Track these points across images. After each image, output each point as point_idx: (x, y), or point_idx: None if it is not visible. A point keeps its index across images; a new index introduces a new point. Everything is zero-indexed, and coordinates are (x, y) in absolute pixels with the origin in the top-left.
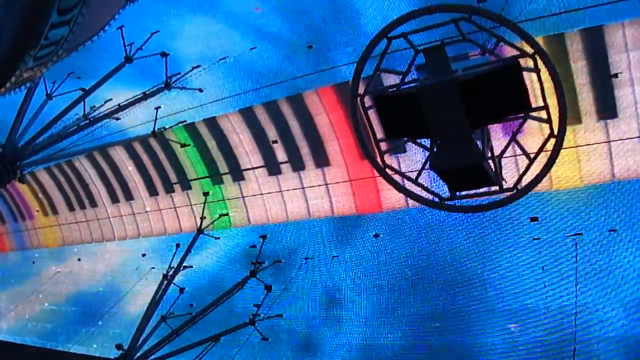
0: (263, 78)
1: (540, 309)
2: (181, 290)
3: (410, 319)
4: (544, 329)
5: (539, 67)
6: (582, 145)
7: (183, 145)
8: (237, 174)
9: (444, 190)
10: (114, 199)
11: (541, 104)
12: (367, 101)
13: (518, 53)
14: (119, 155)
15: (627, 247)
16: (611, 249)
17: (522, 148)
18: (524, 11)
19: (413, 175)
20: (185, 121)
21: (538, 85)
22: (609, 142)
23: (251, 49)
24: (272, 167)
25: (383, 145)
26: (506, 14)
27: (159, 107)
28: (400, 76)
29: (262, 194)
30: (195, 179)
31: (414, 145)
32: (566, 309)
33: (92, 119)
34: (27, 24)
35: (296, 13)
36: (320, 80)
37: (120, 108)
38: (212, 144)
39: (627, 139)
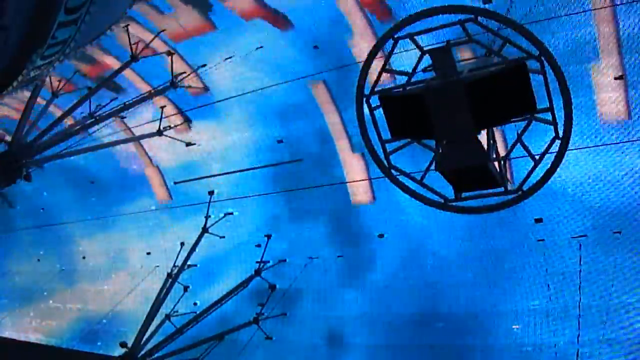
0: (269, 77)
1: (543, 310)
2: (185, 288)
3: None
4: (547, 330)
5: (545, 68)
6: (589, 147)
7: (189, 144)
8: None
9: (448, 190)
10: None
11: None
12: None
13: (524, 55)
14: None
15: (631, 249)
16: (615, 250)
17: (527, 149)
18: (530, 13)
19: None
20: (190, 120)
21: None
22: (614, 144)
23: (257, 48)
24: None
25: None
26: (512, 15)
27: (164, 105)
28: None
29: (266, 194)
30: (201, 178)
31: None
32: (569, 311)
33: (97, 118)
34: (36, 23)
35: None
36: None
37: (126, 107)
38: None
39: (632, 140)
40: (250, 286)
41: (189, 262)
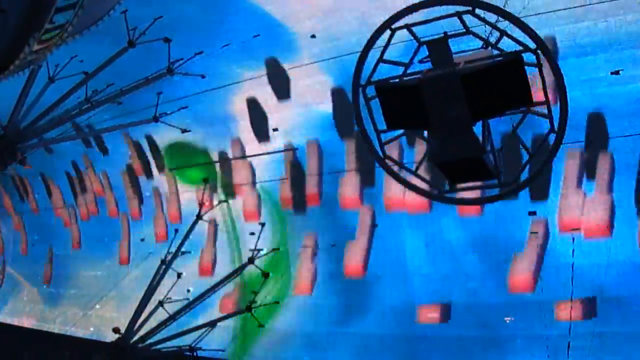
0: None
1: (536, 302)
2: (179, 275)
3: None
4: (539, 322)
5: (541, 62)
6: (582, 141)
7: (184, 131)
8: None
9: (443, 182)
10: None
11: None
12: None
13: (521, 47)
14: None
15: (623, 244)
16: (607, 245)
17: (522, 143)
18: (527, 6)
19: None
20: (186, 107)
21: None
22: (611, 138)
23: (254, 36)
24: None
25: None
26: (509, 7)
27: (160, 92)
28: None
29: (261, 182)
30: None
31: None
32: (562, 303)
33: (93, 103)
34: (33, 7)
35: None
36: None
37: (122, 92)
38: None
39: (627, 135)
40: None
41: (182, 249)
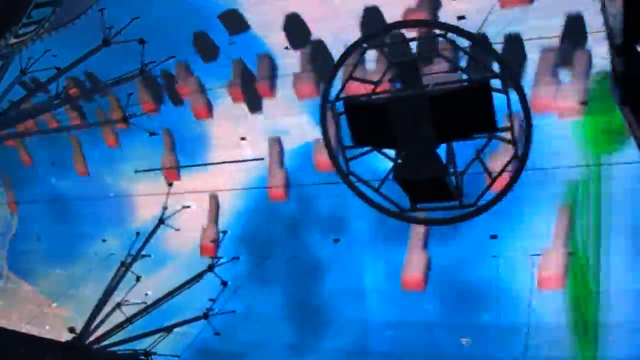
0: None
1: (493, 325)
2: (138, 278)
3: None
4: (495, 345)
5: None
6: (545, 169)
7: (152, 134)
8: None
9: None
10: None
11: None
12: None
13: (489, 73)
14: None
15: (583, 269)
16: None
17: (485, 166)
18: (500, 33)
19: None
20: (155, 110)
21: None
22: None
23: (230, 43)
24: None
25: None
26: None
27: (131, 93)
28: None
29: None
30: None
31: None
32: (518, 328)
33: (64, 99)
34: (12, 1)
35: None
36: None
37: (94, 90)
38: None
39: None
40: None
41: (142, 252)
